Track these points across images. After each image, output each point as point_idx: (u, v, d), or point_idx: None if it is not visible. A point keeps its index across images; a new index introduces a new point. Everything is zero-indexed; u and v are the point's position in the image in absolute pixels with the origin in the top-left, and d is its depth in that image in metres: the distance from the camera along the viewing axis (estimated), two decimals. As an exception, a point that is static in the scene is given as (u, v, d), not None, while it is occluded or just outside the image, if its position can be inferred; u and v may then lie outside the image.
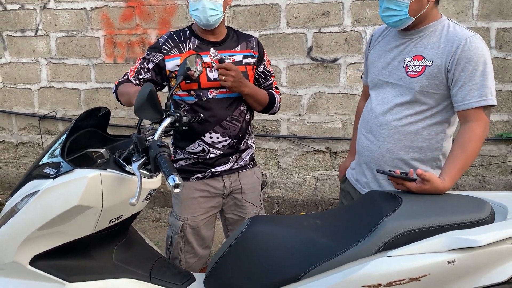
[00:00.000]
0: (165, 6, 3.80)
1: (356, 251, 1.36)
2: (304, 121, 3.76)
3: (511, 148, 3.54)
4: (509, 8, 3.33)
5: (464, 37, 1.62)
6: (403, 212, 1.41)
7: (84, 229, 1.43)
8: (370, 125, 1.81)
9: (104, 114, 1.71)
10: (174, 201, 2.07)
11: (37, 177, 1.44)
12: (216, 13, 1.88)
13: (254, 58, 2.04)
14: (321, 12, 3.59)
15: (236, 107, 1.97)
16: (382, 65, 1.81)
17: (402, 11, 1.65)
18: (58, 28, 4.00)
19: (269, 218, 1.66)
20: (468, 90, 1.60)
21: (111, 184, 1.40)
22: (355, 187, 1.92)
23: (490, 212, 1.42)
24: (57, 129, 4.18)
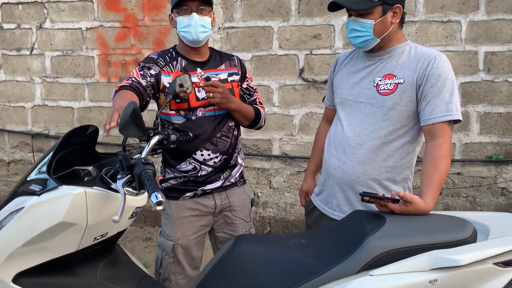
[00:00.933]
0: (159, 27, 3.86)
1: (339, 270, 1.36)
2: (296, 141, 3.79)
3: (500, 170, 3.57)
4: (496, 32, 3.40)
5: (433, 55, 1.68)
6: (386, 231, 1.42)
7: (68, 246, 1.43)
8: (343, 145, 1.80)
9: (92, 132, 1.72)
10: (163, 221, 2.06)
11: (23, 193, 1.45)
12: (206, 30, 1.93)
13: (238, 76, 2.08)
14: (313, 34, 3.66)
15: (225, 123, 2.00)
16: (351, 86, 1.83)
17: (367, 32, 1.71)
18: (53, 47, 4.05)
19: (255, 237, 1.67)
20: (436, 104, 1.64)
21: (96, 201, 1.40)
22: (323, 212, 1.89)
23: (472, 232, 1.43)
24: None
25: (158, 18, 3.85)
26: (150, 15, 3.86)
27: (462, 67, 3.49)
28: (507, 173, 3.56)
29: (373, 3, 1.67)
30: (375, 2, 1.67)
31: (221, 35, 3.76)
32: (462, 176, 3.63)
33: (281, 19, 3.68)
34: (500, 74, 3.45)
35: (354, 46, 1.81)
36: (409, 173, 1.79)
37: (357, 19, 1.72)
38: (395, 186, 1.76)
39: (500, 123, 3.51)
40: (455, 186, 3.65)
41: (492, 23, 3.41)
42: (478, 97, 3.50)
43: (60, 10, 4.00)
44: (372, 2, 1.67)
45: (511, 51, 3.41)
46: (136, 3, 3.87)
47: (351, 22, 1.74)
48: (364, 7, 1.68)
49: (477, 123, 3.53)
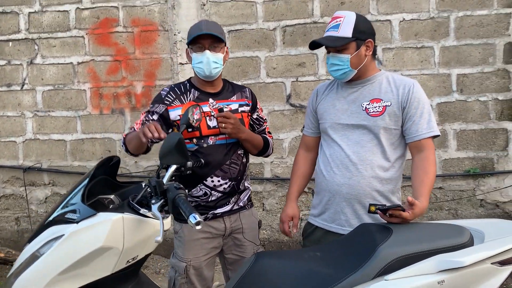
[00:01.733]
0: (150, 60, 4.01)
1: (356, 278, 1.51)
2: (286, 163, 3.95)
3: (478, 183, 3.82)
4: (466, 56, 3.70)
5: (411, 82, 1.98)
6: (395, 240, 1.58)
7: (104, 270, 1.53)
8: (345, 163, 1.99)
9: (115, 162, 1.83)
10: (176, 244, 2.16)
11: (59, 223, 1.55)
12: (217, 66, 2.10)
13: (248, 106, 2.24)
14: (298, 63, 3.88)
15: (234, 151, 2.14)
16: (339, 111, 2.04)
17: (345, 65, 1.96)
18: (45, 82, 4.13)
19: (274, 253, 1.81)
20: (420, 124, 1.93)
21: (131, 226, 1.51)
22: (329, 230, 2.04)
23: (470, 237, 1.61)
24: (42, 181, 4.21)
25: (149, 51, 4.00)
26: (141, 48, 4.01)
27: (437, 88, 3.76)
28: (484, 185, 3.81)
29: (347, 40, 1.94)
30: (349, 39, 1.94)
31: (211, 66, 3.93)
32: (443, 190, 3.86)
33: (267, 49, 3.89)
34: (472, 94, 3.73)
35: (335, 78, 2.05)
36: (400, 184, 2.04)
37: (335, 54, 1.97)
38: (393, 197, 1.99)
39: (475, 139, 3.77)
40: (438, 200, 3.87)
41: (462, 47, 3.71)
42: (454, 116, 3.76)
43: (51, 46, 4.10)
44: (346, 39, 1.94)
45: (480, 73, 3.71)
46: (127, 38, 4.01)
47: (331, 57, 1.99)
48: (340, 44, 1.94)
49: (454, 140, 3.78)
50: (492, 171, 3.77)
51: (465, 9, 3.67)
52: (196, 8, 3.92)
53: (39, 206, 4.26)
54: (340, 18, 1.96)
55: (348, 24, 1.93)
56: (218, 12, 3.91)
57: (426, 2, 3.71)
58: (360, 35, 1.95)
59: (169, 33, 3.97)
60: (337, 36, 1.93)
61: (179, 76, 3.96)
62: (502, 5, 3.63)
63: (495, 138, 3.75)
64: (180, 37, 3.94)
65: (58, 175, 4.19)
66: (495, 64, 3.68)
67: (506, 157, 3.74)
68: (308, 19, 3.83)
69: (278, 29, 3.87)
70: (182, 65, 3.97)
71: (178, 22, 3.95)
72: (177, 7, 3.93)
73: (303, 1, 3.83)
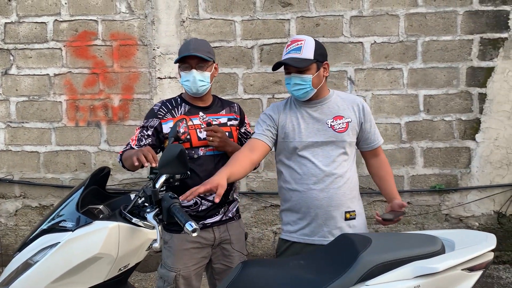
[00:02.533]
0: (128, 73, 4.04)
1: (339, 283, 1.60)
2: (261, 178, 4.05)
3: (443, 198, 4.02)
4: (432, 78, 3.94)
5: (358, 98, 2.26)
6: (375, 248, 1.68)
7: (97, 277, 1.56)
8: (322, 179, 2.11)
9: (105, 173, 1.87)
10: (165, 254, 2.20)
11: (53, 231, 1.57)
12: (204, 84, 2.19)
13: (236, 121, 2.34)
14: (274, 80, 4.01)
15: (224, 162, 2.20)
16: (306, 130, 2.13)
17: (307, 84, 2.11)
18: (19, 93, 4.08)
19: (260, 261, 1.88)
20: (376, 134, 2.25)
21: (126, 234, 1.56)
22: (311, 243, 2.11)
23: (442, 245, 1.74)
24: (13, 193, 4.13)
25: (127, 65, 4.04)
26: (119, 62, 4.04)
27: (406, 108, 3.97)
28: (449, 200, 4.02)
29: (310, 61, 2.10)
30: (311, 60, 2.10)
31: (189, 81, 4.01)
32: (411, 205, 4.04)
33: (245, 67, 4.01)
34: (438, 114, 3.96)
35: (297, 97, 2.17)
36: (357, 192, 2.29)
37: (297, 75, 2.11)
38: (359, 202, 2.22)
39: (441, 156, 3.99)
40: (406, 214, 4.04)
41: (428, 70, 3.95)
42: (421, 134, 3.97)
43: (27, 57, 4.07)
44: (309, 61, 2.09)
45: (445, 94, 3.95)
46: (105, 51, 4.04)
47: (293, 78, 2.11)
48: (304, 65, 2.09)
49: (421, 157, 3.99)
50: (456, 187, 3.99)
51: (432, 34, 3.92)
52: (176, 25, 4.00)
53: (8, 219, 4.16)
54: (301, 41, 2.11)
55: (309, 47, 2.09)
56: (197, 29, 4.01)
57: (395, 26, 3.93)
58: (319, 57, 2.12)
59: (148, 48, 4.03)
60: (301, 57, 2.08)
61: (157, 90, 4.02)
62: (465, 32, 3.90)
63: (459, 156, 3.98)
64: (159, 52, 4.01)
65: (30, 187, 4.13)
66: (459, 87, 3.93)
67: (469, 174, 3.97)
68: (285, 38, 3.98)
69: (255, 47, 4.00)
70: (160, 79, 4.02)
71: (158, 37, 4.01)
72: (156, 22, 4.01)
73: (280, 22, 3.98)
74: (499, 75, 3.90)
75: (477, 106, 3.93)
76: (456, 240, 1.81)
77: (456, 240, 1.82)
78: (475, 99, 3.93)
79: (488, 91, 3.92)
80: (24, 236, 4.15)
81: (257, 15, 3.98)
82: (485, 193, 3.99)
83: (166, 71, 4.02)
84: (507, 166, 3.96)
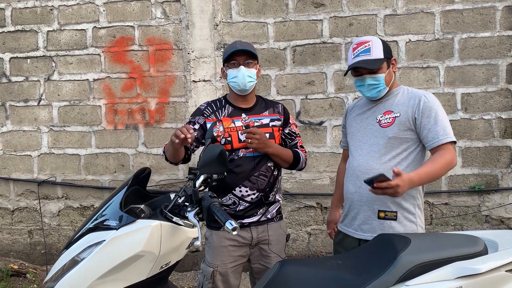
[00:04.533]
0: (164, 77, 4.14)
1: (378, 283, 1.59)
2: (295, 179, 4.05)
3: (483, 199, 3.91)
4: (470, 76, 3.84)
5: (422, 93, 2.12)
6: (414, 248, 1.67)
7: (140, 274, 1.62)
8: (356, 173, 2.14)
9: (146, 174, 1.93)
10: (206, 249, 2.27)
11: (98, 229, 1.64)
12: (251, 80, 2.25)
13: (279, 121, 2.36)
14: (307, 81, 4.01)
15: (264, 164, 2.24)
16: (359, 125, 2.23)
17: (380, 83, 2.13)
18: (61, 98, 4.25)
19: (297, 261, 1.89)
20: (436, 131, 2.03)
21: (167, 232, 1.61)
22: (348, 234, 2.19)
23: (484, 246, 1.70)
24: (56, 194, 4.30)
25: (163, 69, 4.14)
26: (155, 66, 4.14)
27: (443, 107, 3.87)
28: (489, 201, 3.91)
29: (381, 60, 2.12)
30: (382, 59, 2.12)
31: (223, 84, 4.06)
32: (449, 206, 3.95)
33: (278, 68, 4.03)
34: (476, 112, 3.86)
35: (369, 97, 2.19)
36: (416, 193, 2.12)
37: (370, 76, 2.13)
38: (406, 203, 2.09)
39: (479, 156, 3.88)
40: (444, 215, 3.96)
41: (466, 68, 3.85)
42: (459, 134, 3.88)
43: (68, 63, 4.23)
44: (380, 60, 2.11)
45: (483, 92, 3.84)
46: (142, 56, 4.15)
47: (367, 79, 2.12)
48: (378, 66, 2.10)
49: (459, 157, 3.89)
50: (496, 187, 3.87)
51: (469, 31, 3.83)
52: (210, 28, 4.07)
53: (52, 219, 4.33)
54: (368, 42, 2.12)
55: (377, 47, 2.11)
56: (231, 32, 4.06)
57: (431, 24, 3.86)
58: (388, 55, 2.14)
59: (183, 52, 4.11)
60: (372, 59, 2.09)
61: (192, 93, 4.09)
62: (505, 27, 3.79)
63: (499, 156, 3.86)
64: (193, 55, 4.08)
65: (71, 188, 4.28)
66: (498, 84, 3.82)
67: (510, 174, 3.85)
68: (318, 39, 3.98)
69: (288, 49, 4.02)
70: (195, 82, 4.10)
71: (192, 42, 4.09)
72: (191, 27, 4.08)
73: (313, 22, 3.99)
74: (542, 71, 3.77)
75: (518, 104, 3.82)
76: (499, 241, 1.77)
77: (499, 240, 1.77)
78: (516, 97, 3.82)
79: (529, 88, 3.79)
80: (66, 235, 4.31)
81: (290, 16, 4.00)
82: (528, 193, 3.86)
83: (200, 75, 4.09)
84: (551, 165, 3.82)
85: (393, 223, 2.07)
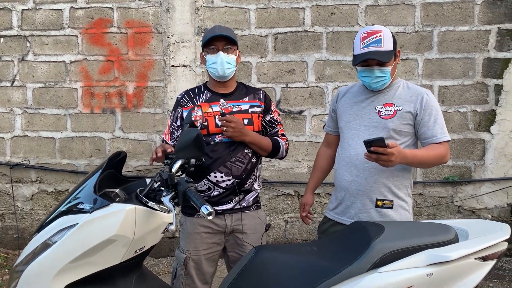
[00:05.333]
0: (143, 61, 4.07)
1: (352, 269, 1.62)
2: (274, 167, 4.06)
3: (456, 190, 4.00)
4: (448, 69, 3.90)
5: (424, 91, 2.15)
6: (388, 235, 1.69)
7: (113, 259, 1.60)
8: (353, 162, 2.14)
9: (122, 157, 1.90)
10: (181, 236, 2.26)
11: (71, 212, 1.61)
12: (231, 67, 2.22)
13: (260, 108, 2.32)
14: (288, 69, 4.00)
15: (240, 150, 2.22)
16: (355, 113, 2.20)
17: (387, 76, 2.12)
18: (36, 79, 4.14)
19: (273, 247, 1.90)
20: (435, 129, 2.09)
21: (142, 217, 1.59)
22: (341, 223, 2.18)
23: (455, 234, 1.74)
24: (29, 178, 4.20)
25: (142, 53, 4.06)
26: (134, 49, 4.07)
27: (420, 99, 3.93)
28: (462, 192, 4.00)
29: (392, 53, 2.10)
30: (393, 52, 2.11)
31: (203, 69, 4.02)
32: (423, 196, 4.03)
33: (259, 55, 4.01)
34: (452, 105, 3.92)
35: (374, 88, 2.16)
36: (408, 183, 2.18)
37: (379, 67, 2.10)
38: (400, 192, 2.13)
39: (454, 148, 3.96)
40: (418, 205, 4.04)
41: (444, 61, 3.90)
42: (435, 126, 3.94)
43: (43, 44, 4.12)
44: (391, 53, 2.10)
45: (460, 85, 3.90)
46: (120, 39, 4.07)
47: (376, 71, 2.09)
48: (389, 58, 2.09)
49: (435, 148, 3.96)
50: (469, 179, 3.96)
51: (448, 24, 3.87)
52: (190, 12, 4.01)
53: (25, 203, 4.24)
54: (379, 33, 2.08)
55: (388, 38, 2.08)
56: (212, 17, 4.01)
57: (411, 16, 3.89)
58: (395, 47, 2.12)
59: (162, 36, 4.04)
60: (384, 50, 2.06)
61: (171, 78, 4.04)
62: (482, 22, 3.85)
63: (473, 148, 3.95)
64: (173, 40, 4.02)
65: (45, 172, 4.20)
66: (474, 78, 3.89)
67: (483, 166, 3.94)
68: (299, 27, 3.97)
69: (270, 36, 3.99)
70: (174, 67, 4.04)
71: (172, 25, 4.03)
72: (171, 10, 4.01)
73: (295, 10, 3.97)
74: (516, 66, 3.85)
75: (493, 98, 3.89)
76: (469, 230, 1.81)
77: (470, 229, 1.82)
78: (491, 91, 3.89)
79: (504, 83, 3.87)
80: (40, 220, 4.23)
81: (272, 3, 3.97)
82: (499, 185, 3.96)
83: (180, 59, 4.03)
84: (522, 158, 3.92)
85: (389, 211, 2.09)
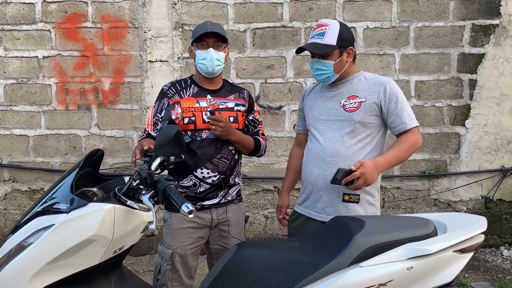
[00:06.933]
0: (119, 56, 3.99)
1: (333, 265, 1.62)
2: (254, 163, 4.05)
3: (432, 183, 4.07)
4: (424, 64, 3.95)
5: (387, 80, 2.13)
6: (368, 230, 1.70)
7: (92, 259, 1.56)
8: (321, 156, 2.14)
9: (99, 156, 1.86)
10: (165, 231, 2.24)
11: (47, 213, 1.56)
12: (220, 64, 2.22)
13: (244, 107, 2.34)
14: (267, 65, 3.99)
15: (226, 147, 2.24)
16: (321, 109, 2.21)
17: (328, 70, 2.12)
18: (7, 75, 4.01)
19: (255, 243, 1.89)
20: (403, 117, 2.07)
21: (121, 216, 1.56)
22: (309, 217, 2.19)
23: (434, 228, 1.76)
24: (2, 177, 4.08)
25: (118, 48, 3.98)
26: (110, 44, 3.98)
27: (397, 94, 3.98)
28: (438, 185, 4.08)
29: (331, 47, 2.09)
30: (333, 46, 2.09)
31: (181, 65, 3.97)
32: (401, 190, 4.09)
33: (237, 51, 3.98)
34: (428, 100, 3.99)
35: (319, 81, 2.22)
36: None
37: (319, 60, 2.12)
38: (368, 187, 2.09)
39: (431, 142, 4.03)
40: (395, 199, 4.10)
41: (420, 56, 3.96)
42: (412, 120, 3.99)
43: (14, 39, 3.99)
44: (330, 47, 2.09)
45: (436, 80, 3.97)
46: (95, 33, 3.98)
47: (315, 62, 2.14)
48: (325, 52, 2.09)
49: (411, 142, 4.01)
50: (445, 172, 4.04)
51: (424, 20, 3.92)
52: (167, 7, 3.95)
53: (-2, 203, 4.13)
54: (326, 26, 2.10)
55: (332, 33, 2.08)
56: (189, 12, 3.96)
57: (388, 11, 3.93)
58: (343, 43, 2.10)
59: (139, 30, 3.97)
60: (323, 43, 2.07)
61: (148, 73, 3.98)
62: (457, 18, 3.91)
63: (448, 142, 4.02)
64: (150, 34, 3.96)
65: (19, 171, 4.08)
66: (450, 73, 3.96)
67: (458, 159, 4.02)
68: (278, 22, 3.96)
69: (248, 31, 3.97)
70: (151, 62, 3.98)
71: (149, 20, 3.96)
72: (147, 5, 3.95)
73: (273, 5, 3.95)
74: (490, 61, 3.93)
75: (468, 92, 3.97)
76: (448, 223, 1.84)
77: (448, 222, 1.84)
78: (466, 85, 3.96)
79: (478, 78, 3.95)
80: (14, 220, 4.12)
81: (250, -2, 3.94)
82: (473, 178, 4.05)
83: (157, 54, 3.97)
84: (495, 151, 4.01)
85: (355, 206, 2.09)
